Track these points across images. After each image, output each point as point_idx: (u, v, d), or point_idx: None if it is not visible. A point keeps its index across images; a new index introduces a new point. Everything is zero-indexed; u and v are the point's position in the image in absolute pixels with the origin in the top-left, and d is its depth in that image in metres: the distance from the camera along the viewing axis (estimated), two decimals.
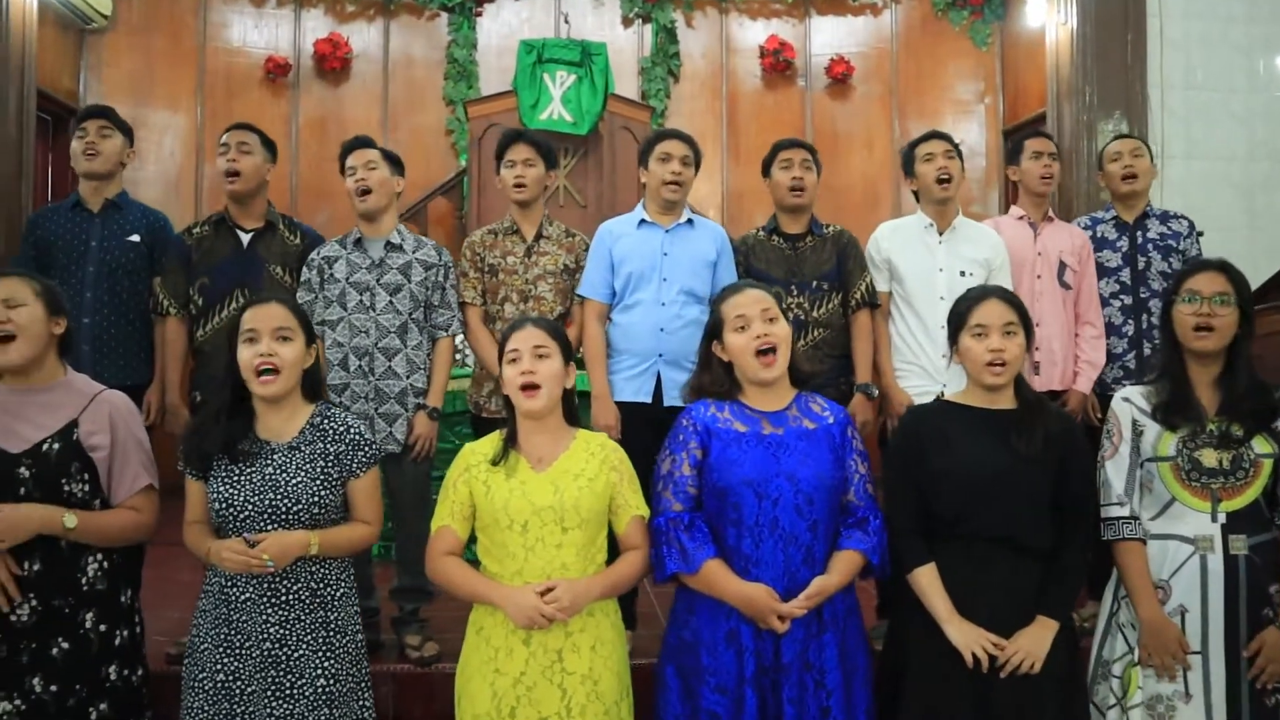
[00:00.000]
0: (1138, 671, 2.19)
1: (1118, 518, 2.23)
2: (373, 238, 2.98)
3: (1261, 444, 2.19)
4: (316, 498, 2.11)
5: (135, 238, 3.06)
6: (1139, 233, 3.32)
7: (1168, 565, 2.20)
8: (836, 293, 3.07)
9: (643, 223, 3.03)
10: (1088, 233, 3.37)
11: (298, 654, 2.08)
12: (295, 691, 2.07)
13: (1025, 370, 2.28)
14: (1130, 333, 3.27)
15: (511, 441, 2.14)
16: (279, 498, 2.08)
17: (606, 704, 2.06)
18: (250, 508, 2.07)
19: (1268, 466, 2.18)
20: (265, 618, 2.07)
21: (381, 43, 6.61)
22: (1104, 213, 3.43)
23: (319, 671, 2.09)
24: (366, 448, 2.21)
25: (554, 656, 2.04)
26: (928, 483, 2.16)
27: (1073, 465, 2.17)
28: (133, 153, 3.19)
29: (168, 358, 3.03)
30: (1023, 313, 2.19)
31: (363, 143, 3.04)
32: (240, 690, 2.06)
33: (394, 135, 6.39)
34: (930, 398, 2.92)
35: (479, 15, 6.62)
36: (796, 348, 2.23)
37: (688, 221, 3.03)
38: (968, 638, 2.07)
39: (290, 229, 3.10)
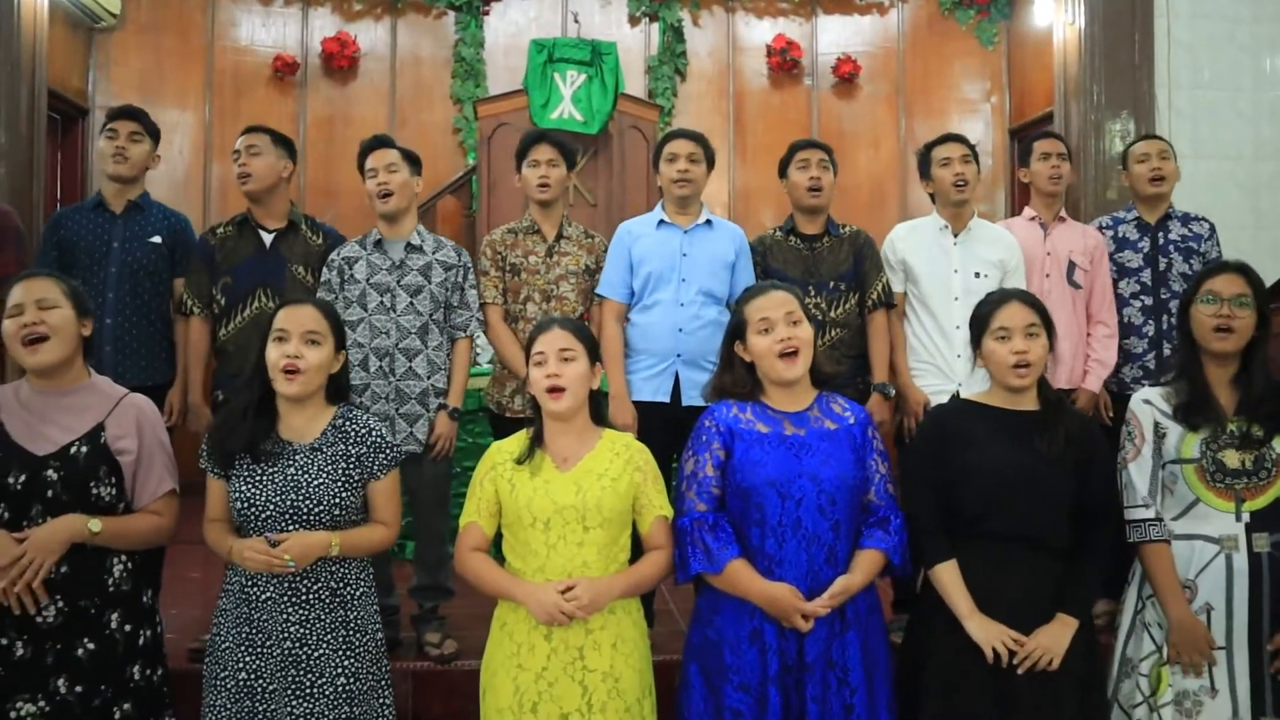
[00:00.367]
0: (1167, 671, 2.22)
1: (1143, 520, 2.26)
2: (393, 239, 2.98)
3: None
4: (337, 499, 2.12)
5: (157, 239, 3.06)
6: (1160, 234, 3.31)
7: (1194, 565, 2.23)
8: (853, 293, 3.08)
9: (661, 223, 3.04)
10: (1109, 232, 3.37)
11: (318, 653, 2.09)
12: (316, 690, 2.08)
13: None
14: (1151, 333, 3.27)
15: (538, 441, 2.16)
16: (300, 498, 2.09)
17: (628, 701, 2.07)
18: (272, 507, 2.08)
19: None
20: (286, 617, 2.08)
21: (389, 41, 6.59)
22: (1125, 213, 3.42)
23: (339, 670, 2.10)
24: (388, 450, 2.21)
25: (575, 653, 2.05)
26: (949, 481, 2.18)
27: (1094, 466, 2.19)
28: (158, 156, 3.19)
29: (191, 357, 3.03)
30: (1044, 314, 2.21)
31: (383, 142, 3.02)
32: (262, 689, 2.07)
33: (401, 134, 6.34)
34: (945, 397, 2.95)
35: (486, 14, 6.61)
36: (817, 348, 2.23)
37: (706, 222, 3.04)
38: (989, 634, 2.08)
39: (312, 229, 3.11)
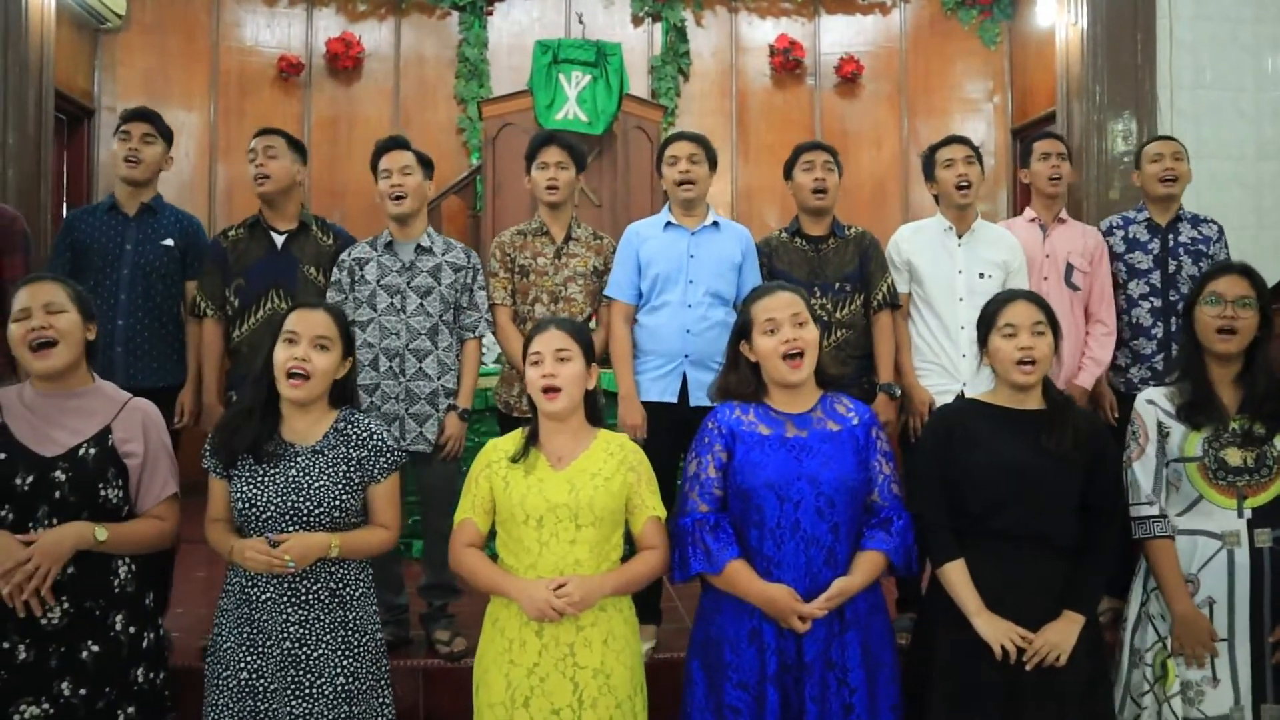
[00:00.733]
0: (1173, 662, 2.26)
1: (1147, 516, 2.30)
2: (403, 241, 3.00)
3: None
4: (338, 501, 2.14)
5: (169, 241, 3.07)
6: (1171, 236, 3.31)
7: (1197, 559, 2.27)
8: (858, 294, 3.09)
9: (669, 225, 3.05)
10: (1119, 232, 3.38)
11: (317, 653, 2.11)
12: (315, 690, 2.10)
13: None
14: (1159, 335, 3.27)
15: (533, 440, 2.18)
16: (301, 500, 2.11)
17: (619, 698, 2.09)
18: (273, 508, 2.10)
19: None
20: (286, 617, 2.10)
21: (393, 41, 6.61)
22: (1136, 213, 3.40)
23: (338, 670, 2.12)
24: (388, 454, 2.23)
25: (566, 650, 2.07)
26: (955, 481, 2.20)
27: (1101, 465, 2.21)
28: (171, 158, 3.19)
29: (205, 359, 3.04)
30: (1050, 313, 2.24)
31: (399, 144, 3.03)
32: (263, 689, 2.09)
33: (405, 134, 6.36)
34: (950, 396, 2.97)
35: (490, 14, 6.62)
36: (822, 349, 2.24)
37: (713, 224, 3.05)
38: (997, 631, 2.10)
39: (323, 230, 3.13)
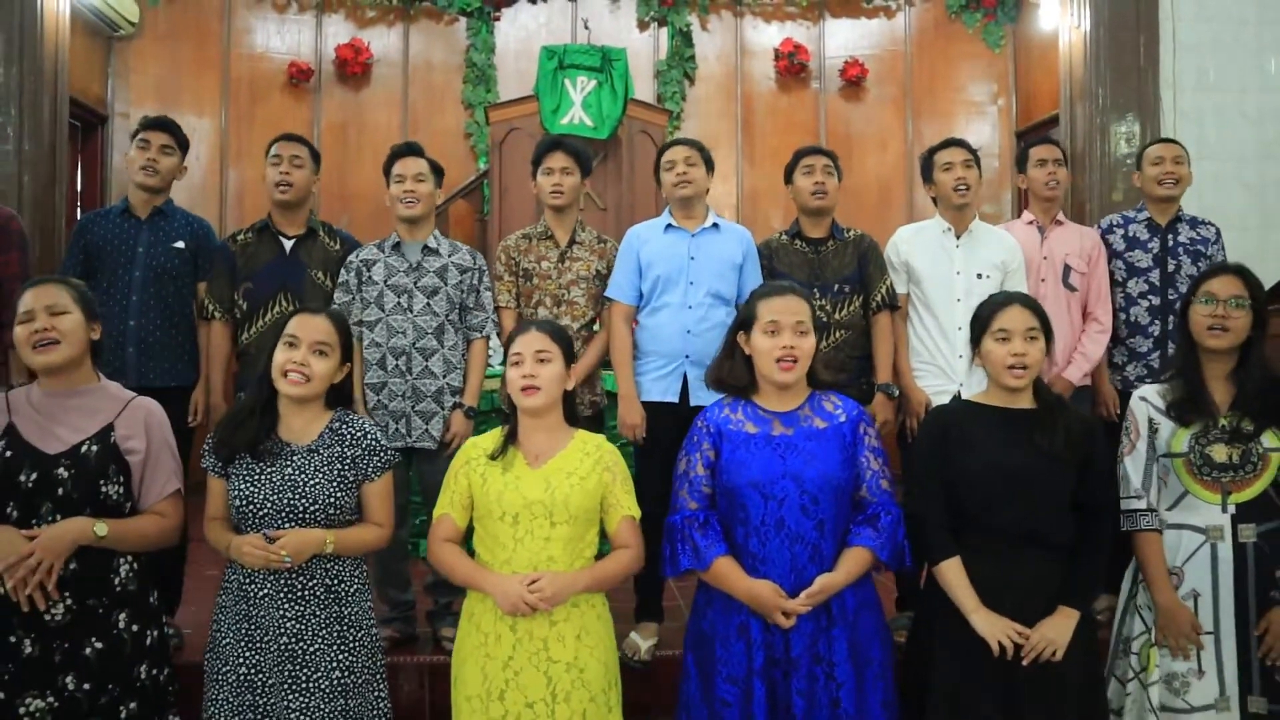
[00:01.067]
0: (1156, 651, 2.31)
1: (1136, 510, 2.35)
2: (410, 242, 3.05)
3: (1271, 438, 2.29)
4: (333, 499, 2.18)
5: (180, 244, 3.11)
6: (1170, 236, 3.35)
7: (1181, 553, 2.32)
8: (857, 295, 3.12)
9: (669, 227, 3.08)
10: (1120, 230, 3.42)
11: (313, 648, 2.14)
12: (311, 684, 2.13)
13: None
14: (1156, 333, 3.31)
15: (512, 438, 2.22)
16: (297, 498, 2.15)
17: (593, 691, 2.12)
18: (269, 506, 2.14)
19: (1275, 460, 2.28)
20: (282, 613, 2.14)
21: (401, 47, 6.69)
22: (1136, 212, 3.45)
23: (334, 664, 2.15)
24: (382, 453, 2.28)
25: (540, 644, 2.10)
26: (952, 480, 2.22)
27: (1094, 463, 2.23)
28: (185, 168, 3.23)
29: (212, 360, 3.09)
30: (1044, 319, 2.26)
31: (413, 150, 3.08)
32: (261, 683, 2.13)
33: (413, 138, 6.42)
34: (947, 396, 3.00)
35: (497, 20, 6.69)
36: (818, 353, 2.27)
37: (713, 225, 3.08)
38: (994, 627, 2.12)
39: (330, 235, 3.19)
